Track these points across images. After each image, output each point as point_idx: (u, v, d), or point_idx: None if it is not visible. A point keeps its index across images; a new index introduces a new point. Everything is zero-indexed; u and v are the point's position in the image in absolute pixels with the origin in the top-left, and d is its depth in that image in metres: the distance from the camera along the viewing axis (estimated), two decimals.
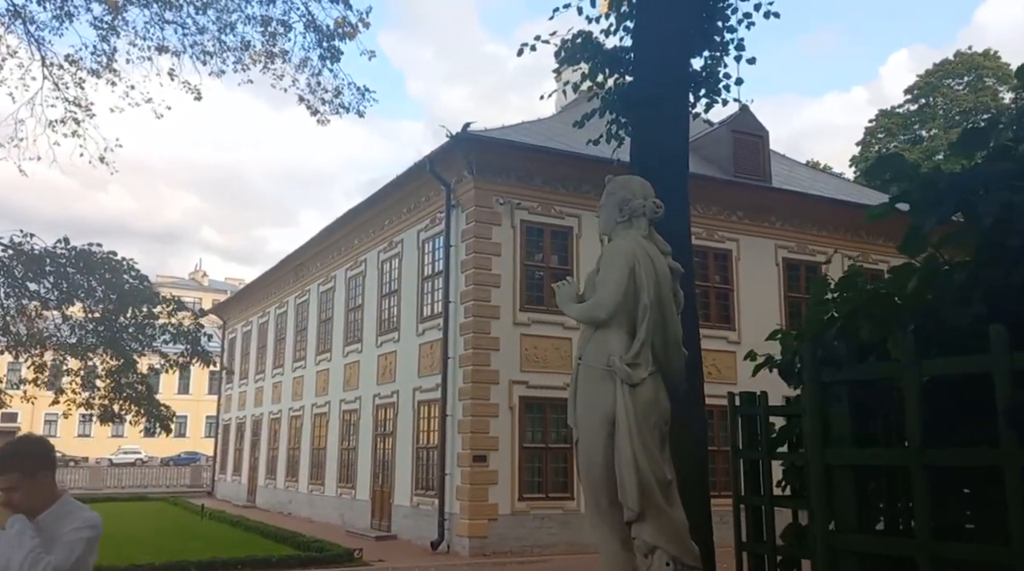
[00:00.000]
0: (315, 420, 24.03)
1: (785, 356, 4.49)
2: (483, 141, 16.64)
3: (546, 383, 16.41)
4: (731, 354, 17.73)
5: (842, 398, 2.23)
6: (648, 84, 7.09)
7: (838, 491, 2.19)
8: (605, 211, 3.99)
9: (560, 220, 17.23)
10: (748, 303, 18.88)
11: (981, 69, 38.53)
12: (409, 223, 19.37)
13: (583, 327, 3.80)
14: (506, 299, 16.45)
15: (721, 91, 8.12)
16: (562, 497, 16.31)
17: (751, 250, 19.12)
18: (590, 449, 3.51)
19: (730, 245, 18.75)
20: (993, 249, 1.96)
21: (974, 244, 2.05)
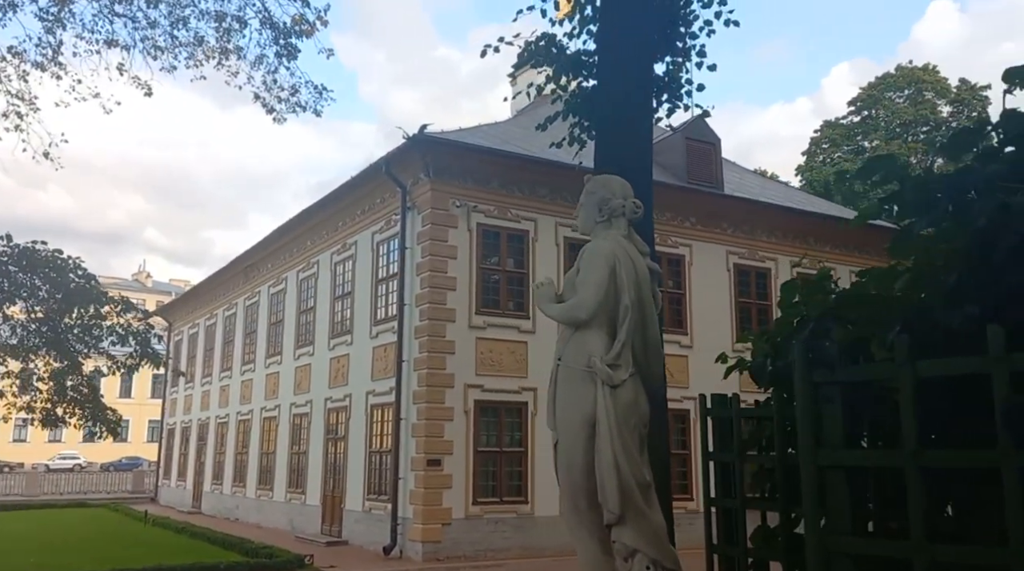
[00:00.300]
0: (264, 424, 23.62)
1: (756, 358, 4.55)
2: (440, 143, 16.57)
3: (501, 387, 16.41)
4: (683, 358, 17.95)
5: (834, 399, 2.25)
6: (612, 88, 7.13)
7: (831, 493, 2.20)
8: (584, 210, 3.97)
9: (516, 223, 17.24)
10: (700, 308, 19.13)
11: (921, 83, 39.69)
12: (363, 225, 19.18)
13: (562, 328, 3.77)
14: (462, 302, 16.39)
15: (683, 96, 8.22)
16: (516, 501, 16.29)
17: (703, 256, 19.37)
18: (570, 451, 3.49)
19: (683, 251, 18.98)
20: (986, 250, 2.00)
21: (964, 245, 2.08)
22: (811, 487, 2.23)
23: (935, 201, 2.16)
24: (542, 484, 16.42)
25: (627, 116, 6.95)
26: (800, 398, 2.30)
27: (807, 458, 2.25)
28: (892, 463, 2.11)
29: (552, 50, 8.43)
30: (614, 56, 7.09)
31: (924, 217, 2.19)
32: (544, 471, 16.46)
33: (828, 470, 2.22)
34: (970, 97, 39.23)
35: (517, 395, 16.57)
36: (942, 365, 2.04)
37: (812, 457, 2.25)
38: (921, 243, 2.30)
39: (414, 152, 16.50)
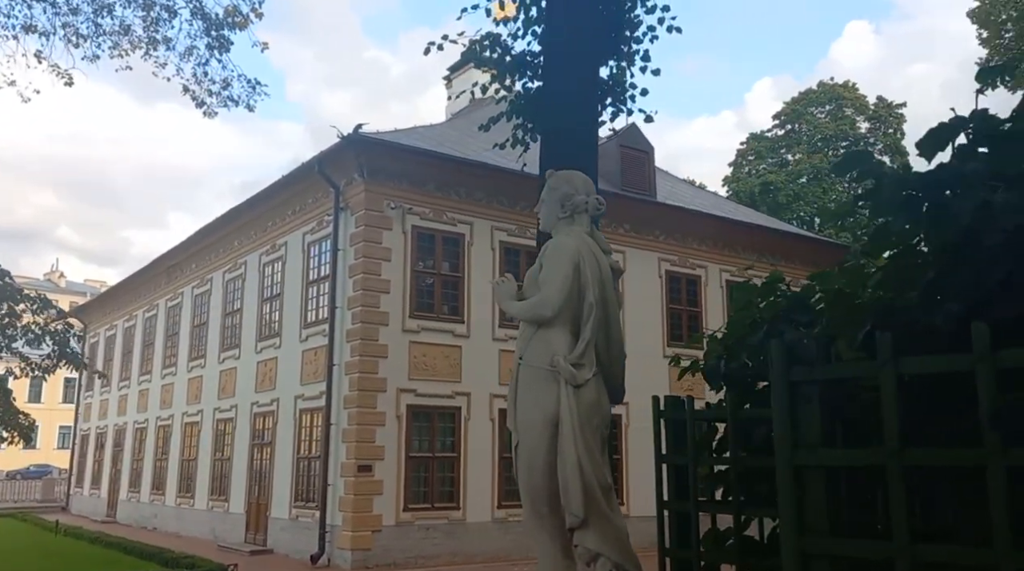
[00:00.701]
0: (186, 429, 22.86)
1: (710, 360, 4.54)
2: (375, 143, 16.32)
3: (434, 391, 16.23)
4: None
5: (812, 398, 2.21)
6: (558, 90, 7.09)
7: (809, 494, 2.16)
8: (546, 206, 3.88)
9: (452, 227, 17.10)
10: (632, 314, 19.26)
11: (841, 99, 41.05)
12: (294, 225, 18.76)
13: (523, 326, 3.67)
14: (395, 305, 16.16)
15: (627, 101, 8.24)
16: (448, 507, 16.13)
17: (636, 262, 19.56)
18: (531, 453, 3.39)
19: (616, 257, 19.03)
20: (969, 248, 1.99)
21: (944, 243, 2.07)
22: (788, 488, 2.19)
23: (912, 199, 2.15)
24: (474, 490, 16.32)
25: (573, 119, 6.92)
26: (777, 397, 2.26)
27: (784, 458, 2.21)
28: (874, 462, 2.08)
29: (497, 50, 8.36)
30: (560, 58, 7.06)
31: (901, 215, 2.17)
32: (477, 477, 16.35)
33: (806, 470, 2.18)
34: (887, 114, 40.76)
35: (451, 400, 16.42)
36: (925, 363, 2.02)
37: (790, 457, 2.20)
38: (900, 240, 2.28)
39: (348, 152, 16.21)
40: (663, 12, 8.39)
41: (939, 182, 2.11)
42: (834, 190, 39.23)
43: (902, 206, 2.19)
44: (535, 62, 8.10)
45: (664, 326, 19.66)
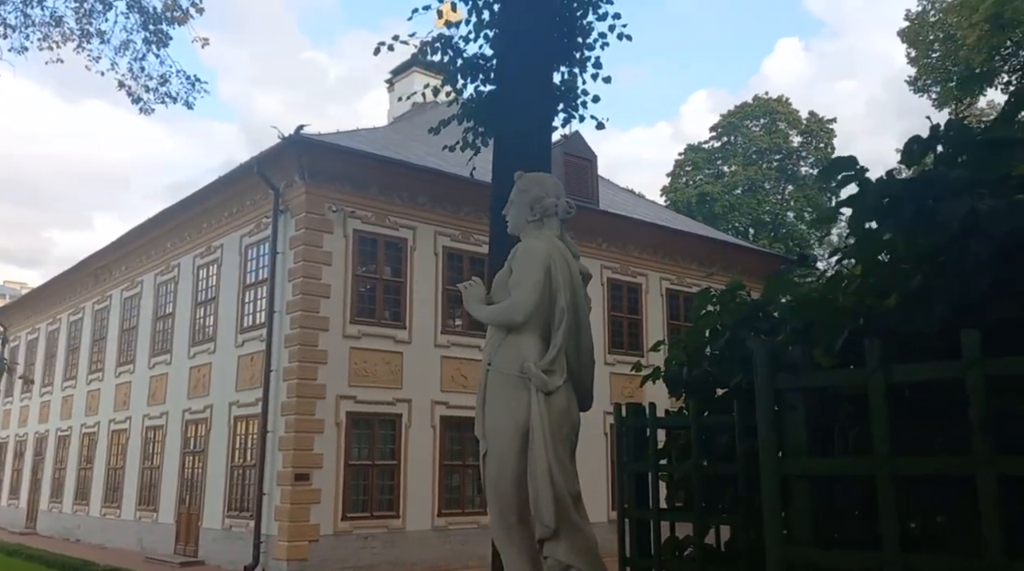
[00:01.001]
0: (113, 437, 22.08)
1: (671, 367, 4.53)
2: (317, 145, 16.03)
3: (375, 398, 16.00)
4: None
5: (797, 406, 2.18)
6: (512, 95, 7.04)
7: (793, 503, 2.13)
8: (515, 209, 3.79)
9: (395, 231, 16.89)
10: None
11: (775, 113, 42.04)
12: (231, 227, 18.29)
13: (492, 331, 3.57)
14: (335, 310, 15.88)
15: (578, 107, 8.23)
16: (387, 515, 15.89)
17: None
18: (501, 461, 3.29)
19: None
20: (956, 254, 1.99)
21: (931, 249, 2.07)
22: (774, 497, 2.16)
23: (896, 205, 2.15)
24: (414, 498, 16.12)
25: (527, 123, 6.88)
26: (762, 404, 2.23)
27: (770, 466, 2.18)
28: (863, 471, 2.06)
29: (448, 52, 8.27)
30: (514, 62, 7.01)
31: (888, 220, 2.17)
32: (417, 485, 16.15)
33: (792, 479, 2.15)
34: (818, 129, 41.89)
35: (391, 407, 16.20)
36: (915, 370, 2.01)
37: (775, 465, 2.17)
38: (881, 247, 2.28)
39: (289, 153, 15.89)
40: (614, 19, 8.43)
41: (924, 188, 2.11)
42: (768, 202, 40.14)
43: (886, 212, 2.18)
44: (487, 65, 8.04)
45: (606, 333, 19.76)
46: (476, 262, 17.97)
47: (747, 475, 3.84)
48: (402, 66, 24.88)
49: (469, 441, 17.22)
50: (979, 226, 1.95)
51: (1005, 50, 20.91)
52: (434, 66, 26.23)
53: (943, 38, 23.06)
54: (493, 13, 8.04)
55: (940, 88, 22.54)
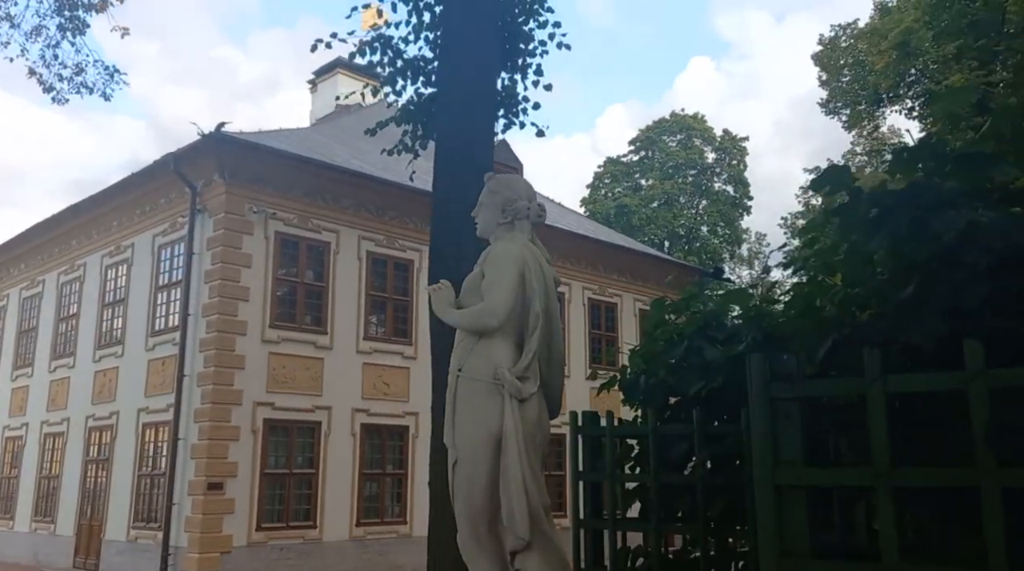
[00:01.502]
0: (6, 444, 20.86)
1: (630, 376, 4.51)
2: (239, 144, 15.55)
3: (294, 404, 15.59)
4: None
5: (792, 415, 2.17)
6: (454, 98, 6.95)
7: (788, 513, 2.12)
8: (486, 211, 3.69)
9: (317, 234, 16.52)
10: None
11: (691, 130, 43.13)
12: (143, 226, 17.56)
13: (462, 336, 3.46)
14: (254, 314, 15.41)
15: (519, 114, 8.20)
16: (304, 526, 15.49)
17: None
18: (472, 471, 3.19)
19: None
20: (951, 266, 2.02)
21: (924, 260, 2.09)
22: (770, 507, 2.14)
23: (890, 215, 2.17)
24: (333, 508, 15.77)
25: (470, 127, 6.80)
26: (757, 414, 2.21)
27: (765, 477, 2.16)
28: (862, 481, 2.06)
29: (388, 53, 8.12)
30: (457, 65, 6.93)
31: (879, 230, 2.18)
32: (335, 494, 15.81)
33: (786, 489, 2.14)
34: (731, 146, 43.18)
35: (310, 414, 15.81)
36: (915, 381, 2.02)
37: (770, 476, 2.15)
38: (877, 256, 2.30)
39: (208, 151, 15.36)
40: (554, 28, 8.45)
41: (916, 199, 2.14)
42: (683, 215, 41.11)
43: (878, 222, 2.20)
44: (428, 68, 7.93)
45: None
46: (400, 267, 17.78)
47: (705, 484, 3.87)
48: (326, 67, 24.47)
49: (390, 449, 16.98)
50: (976, 237, 1.98)
51: (910, 77, 21.97)
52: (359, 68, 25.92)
53: (852, 63, 24.09)
54: (434, 15, 7.95)
55: (850, 111, 23.54)
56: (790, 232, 44.08)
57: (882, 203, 2.21)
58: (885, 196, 2.21)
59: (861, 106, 23.22)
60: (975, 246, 1.97)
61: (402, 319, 17.65)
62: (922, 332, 2.04)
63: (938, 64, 20.34)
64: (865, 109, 23.24)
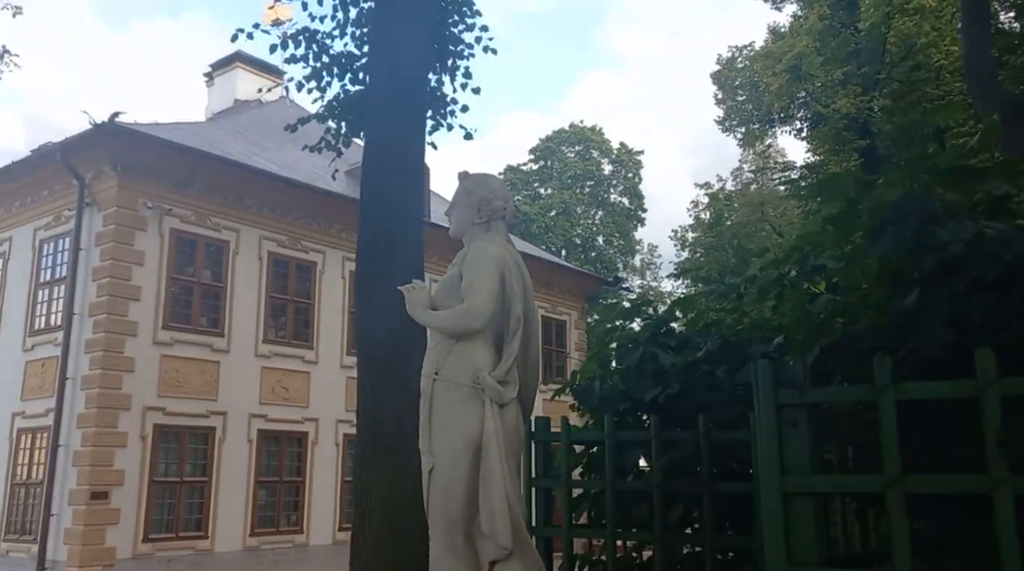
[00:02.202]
0: None
1: (582, 381, 4.49)
2: (133, 136, 14.77)
3: (187, 410, 14.90)
4: None
5: (799, 422, 2.18)
6: (386, 94, 6.79)
7: (796, 522, 2.12)
8: (460, 210, 3.57)
9: (216, 233, 15.87)
10: None
11: (589, 141, 43.95)
12: (23, 219, 16.44)
13: (438, 339, 3.33)
14: (146, 315, 14.65)
15: (447, 115, 8.09)
16: (195, 536, 14.81)
17: None
18: (450, 479, 3.07)
19: None
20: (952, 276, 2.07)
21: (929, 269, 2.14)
22: (777, 516, 2.13)
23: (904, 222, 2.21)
24: (226, 517, 15.16)
25: (401, 126, 6.65)
26: (764, 420, 2.21)
27: (772, 485, 2.16)
28: (872, 489, 2.08)
29: (313, 47, 7.86)
30: (391, 64, 6.76)
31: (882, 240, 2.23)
32: (229, 502, 15.21)
33: (794, 497, 2.15)
34: (628, 159, 44.25)
35: (205, 419, 15.15)
36: (928, 389, 2.06)
37: (778, 483, 2.15)
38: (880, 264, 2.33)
39: (99, 142, 14.52)
40: (481, 31, 8.40)
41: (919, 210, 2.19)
42: (580, 225, 41.79)
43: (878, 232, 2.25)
44: (356, 65, 7.72)
45: None
46: (303, 269, 17.30)
47: (663, 491, 3.88)
48: (224, 60, 23.62)
49: (288, 456, 16.46)
50: (984, 248, 2.04)
51: (800, 99, 23.07)
52: (260, 64, 25.09)
53: (746, 84, 25.10)
54: (361, 11, 7.76)
55: (745, 129, 24.53)
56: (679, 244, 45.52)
57: (881, 213, 2.26)
58: (884, 206, 2.26)
59: (755, 126, 24.23)
60: (982, 256, 2.04)
61: (303, 322, 17.17)
62: (928, 340, 2.09)
63: (826, 88, 21.41)
64: (759, 129, 24.26)
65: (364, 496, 6.18)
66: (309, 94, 7.97)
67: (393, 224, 6.50)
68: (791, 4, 24.81)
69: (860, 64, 22.16)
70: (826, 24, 22.12)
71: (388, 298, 6.47)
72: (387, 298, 6.47)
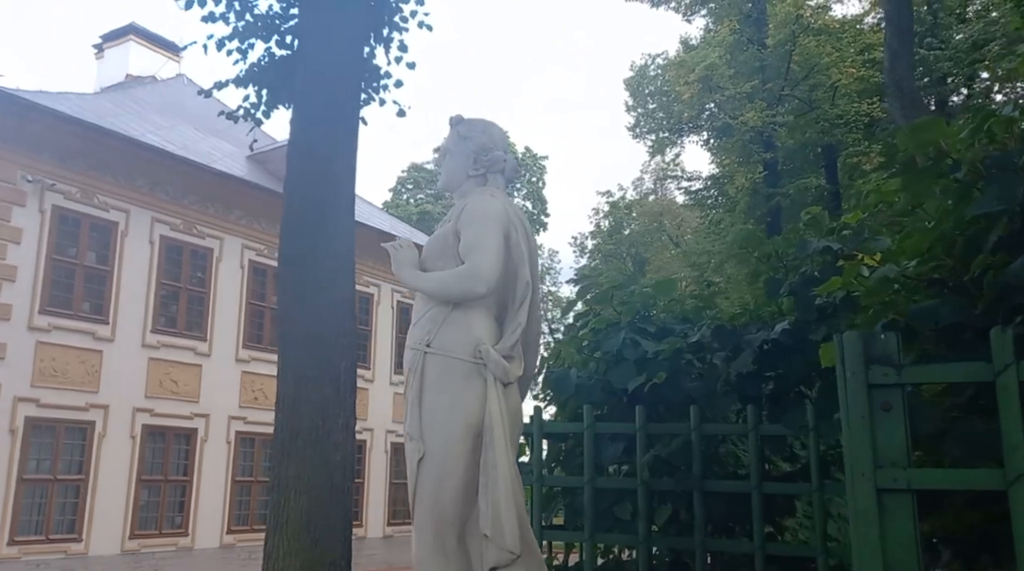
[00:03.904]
0: None
1: (557, 368, 4.09)
2: (15, 102, 13.48)
3: (64, 402, 13.71)
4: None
5: (894, 406, 1.86)
6: (318, 63, 6.21)
7: (892, 523, 1.80)
8: (453, 159, 3.06)
9: (104, 212, 14.69)
10: None
11: None
12: None
13: (428, 306, 2.80)
14: (22, 297, 13.40)
15: (380, 90, 7.55)
16: (67, 538, 13.65)
17: None
18: (444, 469, 2.59)
19: None
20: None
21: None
22: (871, 517, 1.81)
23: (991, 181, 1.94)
24: (104, 518, 14.05)
25: (335, 96, 6.10)
26: (852, 403, 1.88)
27: (866, 479, 1.83)
28: (990, 486, 1.78)
29: (234, 5, 7.17)
30: (325, 26, 6.20)
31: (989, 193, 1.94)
32: (108, 503, 14.11)
33: (888, 494, 1.83)
34: (532, 163, 44.36)
35: (84, 412, 13.97)
36: None
37: (872, 478, 1.83)
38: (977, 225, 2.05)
39: None
40: (417, 5, 7.91)
41: None
42: None
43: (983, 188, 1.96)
44: (282, 27, 7.10)
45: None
46: (198, 256, 16.27)
47: (649, 490, 3.54)
48: (117, 32, 22.15)
49: (175, 454, 15.41)
50: None
51: (708, 110, 23.46)
52: (154, 37, 23.67)
53: (657, 92, 25.37)
54: None
55: (655, 137, 24.77)
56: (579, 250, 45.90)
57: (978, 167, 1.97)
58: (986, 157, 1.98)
59: (664, 134, 24.50)
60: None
61: (197, 312, 16.13)
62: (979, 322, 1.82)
63: (734, 101, 21.82)
64: (668, 137, 24.54)
65: (281, 494, 5.59)
66: (228, 56, 7.28)
67: (323, 196, 5.94)
68: (702, 17, 25.26)
69: (766, 80, 22.71)
70: (736, 38, 22.57)
71: (315, 277, 5.94)
72: (314, 277, 5.94)
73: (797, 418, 3.22)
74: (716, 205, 25.37)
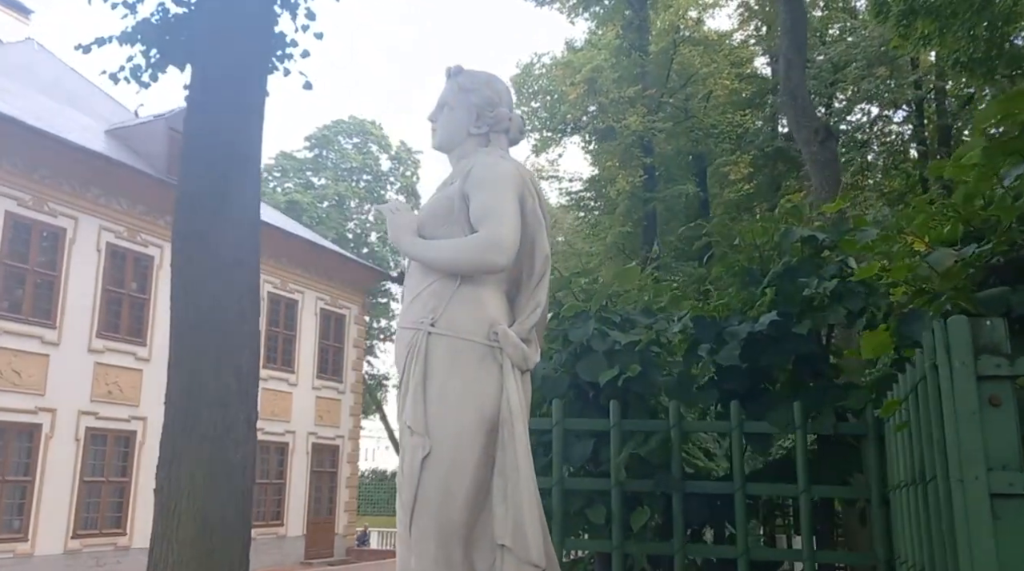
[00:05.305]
0: None
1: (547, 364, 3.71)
2: None
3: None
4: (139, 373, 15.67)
5: (1005, 401, 1.64)
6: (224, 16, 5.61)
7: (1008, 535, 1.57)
8: (452, 113, 2.58)
9: None
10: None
11: (368, 135, 42.81)
12: None
13: (430, 279, 2.36)
14: None
15: (285, 59, 6.93)
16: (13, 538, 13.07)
17: None
18: (453, 468, 2.14)
19: (154, 251, 16.62)
20: None
21: None
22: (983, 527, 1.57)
23: None
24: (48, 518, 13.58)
25: (241, 57, 5.52)
26: (959, 397, 1.65)
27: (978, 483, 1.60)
28: None
29: None
30: None
31: None
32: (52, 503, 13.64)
33: (1001, 500, 1.60)
34: (407, 157, 43.68)
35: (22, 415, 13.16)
36: None
37: (985, 483, 1.60)
38: None
39: None
40: None
41: None
42: (354, 219, 40.53)
43: None
44: None
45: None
46: (49, 236, 14.85)
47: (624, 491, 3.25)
48: None
49: (15, 451, 13.96)
50: None
51: (591, 112, 23.66)
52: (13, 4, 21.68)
53: (540, 91, 25.41)
54: None
55: (539, 136, 24.73)
56: None
57: None
58: None
59: (548, 133, 24.52)
60: None
61: (45, 297, 14.70)
62: None
63: (617, 104, 22.09)
64: (551, 136, 24.58)
65: (171, 498, 5.00)
66: (114, 9, 6.48)
67: (226, 168, 5.37)
68: (584, 20, 25.46)
69: (647, 86, 23.14)
70: (619, 43, 22.88)
71: (214, 256, 5.37)
72: (213, 256, 5.37)
73: (782, 415, 3.03)
74: (595, 207, 25.65)
